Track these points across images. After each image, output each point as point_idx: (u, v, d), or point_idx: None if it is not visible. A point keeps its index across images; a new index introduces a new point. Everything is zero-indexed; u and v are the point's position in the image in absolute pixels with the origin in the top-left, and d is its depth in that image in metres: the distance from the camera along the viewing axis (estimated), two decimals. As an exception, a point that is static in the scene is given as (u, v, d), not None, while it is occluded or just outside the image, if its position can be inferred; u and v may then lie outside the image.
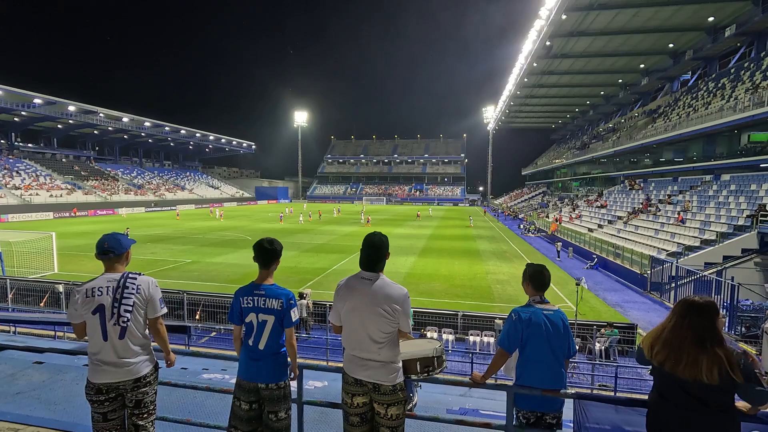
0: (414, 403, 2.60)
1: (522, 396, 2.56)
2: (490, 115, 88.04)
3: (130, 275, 2.48)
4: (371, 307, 2.33)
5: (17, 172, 52.69)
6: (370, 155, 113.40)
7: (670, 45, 35.89)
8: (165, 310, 2.57)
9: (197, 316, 12.10)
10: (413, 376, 2.52)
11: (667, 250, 19.44)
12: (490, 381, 2.61)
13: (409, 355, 2.51)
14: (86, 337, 2.47)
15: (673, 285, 16.15)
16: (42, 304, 13.06)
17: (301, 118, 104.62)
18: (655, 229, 23.27)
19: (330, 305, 11.58)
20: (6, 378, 4.37)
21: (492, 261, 23.30)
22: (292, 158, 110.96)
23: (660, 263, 17.35)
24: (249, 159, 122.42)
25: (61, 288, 12.61)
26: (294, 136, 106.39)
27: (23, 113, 52.99)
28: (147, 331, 2.54)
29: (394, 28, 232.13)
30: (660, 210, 25.82)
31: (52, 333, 10.03)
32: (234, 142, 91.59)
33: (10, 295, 13.07)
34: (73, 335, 2.45)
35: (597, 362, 9.89)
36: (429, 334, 11.59)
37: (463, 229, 38.28)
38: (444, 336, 11.50)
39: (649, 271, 17.70)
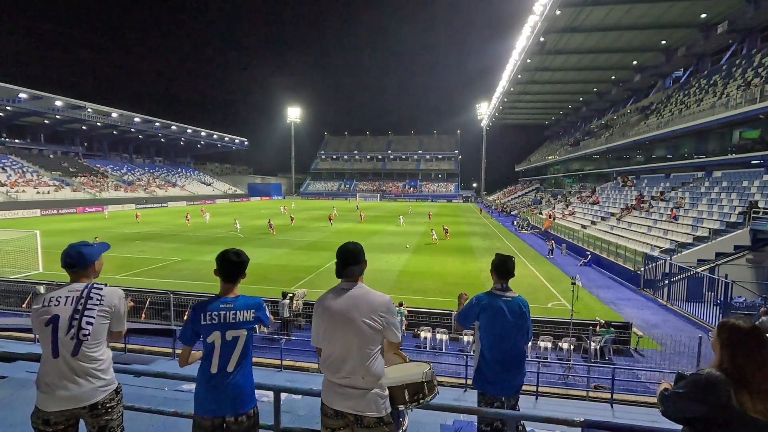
0: (404, 428, 2.35)
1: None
2: (484, 111, 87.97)
3: (95, 285, 2.28)
4: (353, 319, 2.09)
5: (3, 169, 51.52)
6: (363, 151, 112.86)
7: (663, 42, 35.92)
8: (125, 328, 2.42)
9: (185, 318, 11.80)
10: (401, 406, 2.24)
11: (660, 247, 19.46)
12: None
13: (394, 381, 2.22)
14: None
15: (666, 282, 16.16)
16: (24, 305, 12.69)
17: (294, 114, 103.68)
18: (648, 226, 23.30)
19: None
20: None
21: (485, 258, 23.17)
22: (285, 154, 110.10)
23: (653, 260, 17.35)
24: (241, 155, 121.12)
25: (42, 289, 12.24)
26: (287, 132, 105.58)
27: (8, 108, 51.80)
28: (106, 347, 2.25)
29: (388, 24, 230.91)
30: (653, 207, 25.88)
31: (33, 336, 9.68)
32: (226, 138, 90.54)
33: (-10, 297, 12.67)
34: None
35: (592, 363, 9.78)
36: (423, 334, 11.46)
37: (456, 226, 38.12)
38: (438, 336, 11.36)
39: (642, 268, 17.70)
